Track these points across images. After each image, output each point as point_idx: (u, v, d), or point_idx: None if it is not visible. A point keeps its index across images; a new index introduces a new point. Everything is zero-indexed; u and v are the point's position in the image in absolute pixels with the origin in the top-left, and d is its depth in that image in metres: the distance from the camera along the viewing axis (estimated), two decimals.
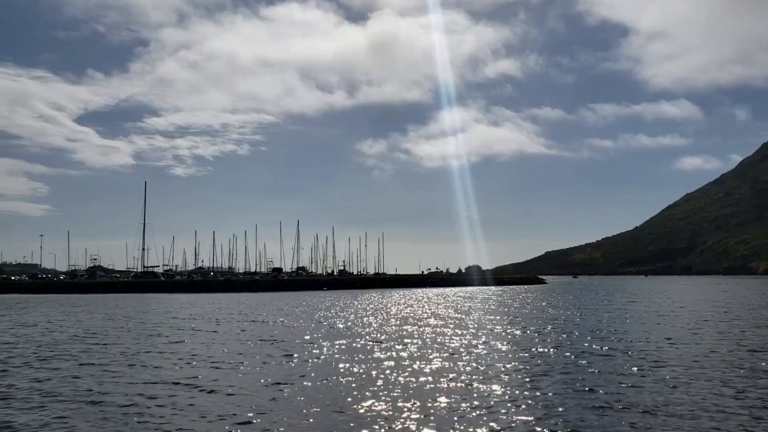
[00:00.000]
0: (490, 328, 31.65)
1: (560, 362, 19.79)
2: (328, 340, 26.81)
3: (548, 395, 14.80)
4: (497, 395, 14.82)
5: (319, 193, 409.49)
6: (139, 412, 13.53)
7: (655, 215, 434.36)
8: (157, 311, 50.42)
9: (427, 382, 16.48)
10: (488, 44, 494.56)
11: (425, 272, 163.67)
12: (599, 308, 48.64)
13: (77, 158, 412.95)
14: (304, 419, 12.81)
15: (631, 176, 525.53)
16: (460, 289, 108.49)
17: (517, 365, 19.16)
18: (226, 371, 18.72)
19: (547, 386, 15.84)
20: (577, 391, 15.27)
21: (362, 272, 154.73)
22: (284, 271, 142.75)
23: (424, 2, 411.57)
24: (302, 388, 15.95)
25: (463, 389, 15.49)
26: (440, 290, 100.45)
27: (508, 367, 18.87)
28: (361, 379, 17.07)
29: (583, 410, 13.32)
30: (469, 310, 47.47)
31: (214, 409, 13.72)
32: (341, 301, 65.31)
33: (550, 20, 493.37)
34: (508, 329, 30.80)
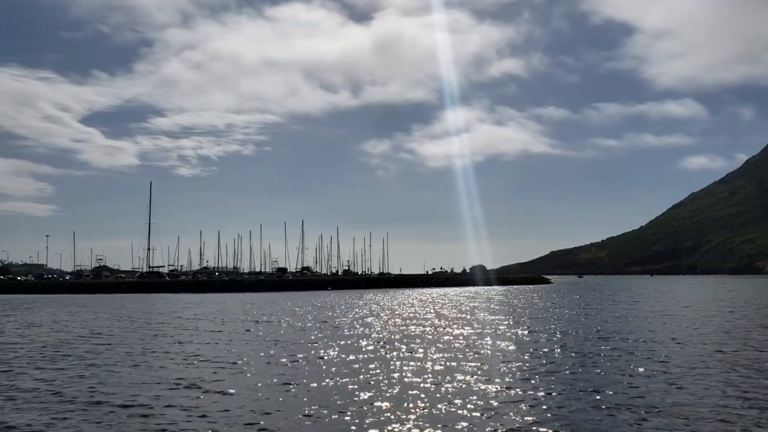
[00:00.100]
0: (494, 327, 31.60)
1: (566, 362, 19.74)
2: (332, 340, 26.82)
3: (554, 395, 14.77)
4: (502, 396, 14.80)
5: (323, 193, 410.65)
6: (143, 413, 13.54)
7: (660, 215, 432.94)
8: (162, 311, 50.54)
9: (431, 382, 16.47)
10: (492, 44, 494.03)
11: (430, 272, 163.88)
12: (604, 308, 48.52)
13: (82, 159, 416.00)
14: (309, 420, 12.82)
15: (636, 176, 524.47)
16: (464, 289, 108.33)
17: (522, 365, 19.13)
18: (231, 372, 18.75)
19: (552, 386, 15.81)
20: (582, 391, 15.23)
21: (367, 272, 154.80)
22: (289, 271, 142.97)
23: (427, 2, 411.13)
24: (308, 388, 15.95)
25: (468, 390, 15.47)
26: (444, 290, 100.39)
27: (513, 367, 18.84)
28: (366, 379, 17.07)
29: (588, 411, 13.29)
30: (473, 310, 47.42)
31: (219, 409, 13.73)
32: (346, 301, 65.33)
33: (554, 19, 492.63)
34: (512, 329, 30.75)
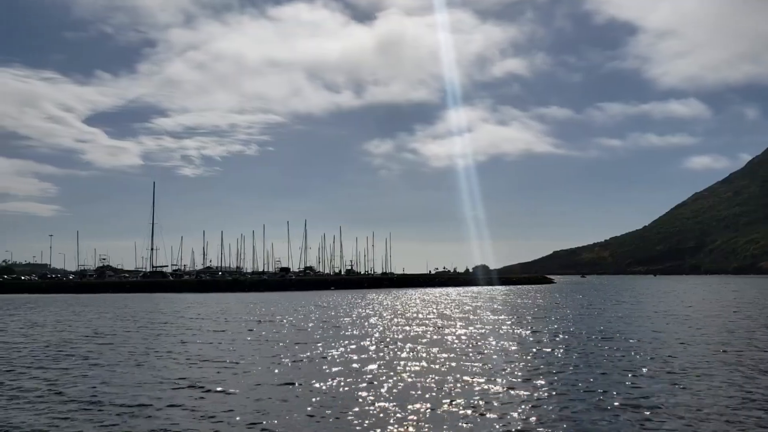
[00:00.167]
0: (497, 327, 31.57)
1: (569, 362, 19.68)
2: (335, 340, 26.82)
3: (557, 396, 14.73)
4: (505, 396, 14.77)
5: (326, 193, 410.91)
6: (145, 413, 13.52)
7: (663, 214, 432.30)
8: (165, 311, 50.59)
9: (434, 382, 16.43)
10: (495, 43, 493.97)
11: (433, 272, 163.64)
12: (608, 308, 48.44)
13: (86, 159, 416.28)
14: (312, 420, 12.80)
15: (639, 175, 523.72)
16: (467, 288, 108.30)
17: (525, 365, 19.09)
18: (233, 372, 18.74)
19: (555, 387, 15.77)
20: (586, 391, 15.19)
21: (370, 272, 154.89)
22: (292, 270, 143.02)
23: (430, 2, 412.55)
24: (310, 388, 15.94)
25: (470, 390, 15.45)
26: (447, 290, 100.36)
27: (516, 367, 18.80)
28: (368, 379, 17.05)
29: (592, 411, 13.25)
30: (475, 309, 47.37)
31: (221, 410, 13.73)
32: (349, 301, 65.35)
33: (557, 19, 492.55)
34: (515, 329, 30.70)
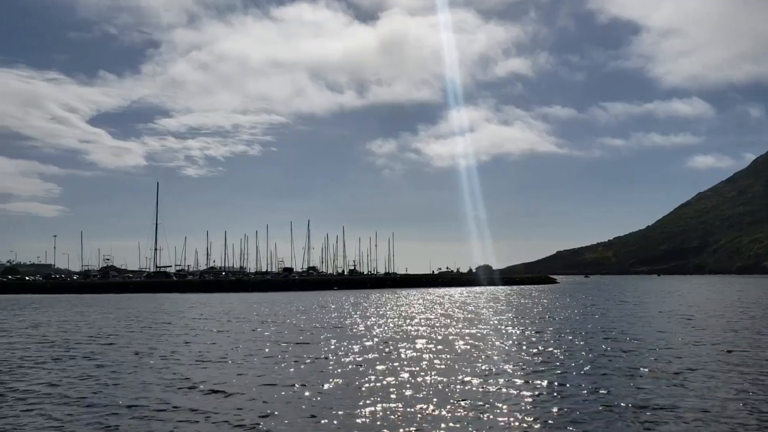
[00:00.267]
0: (500, 328, 31.51)
1: (572, 363, 19.61)
2: (338, 340, 26.81)
3: (561, 396, 14.68)
4: (508, 397, 14.72)
5: (329, 193, 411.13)
6: (148, 414, 13.49)
7: (667, 214, 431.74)
8: (169, 311, 50.68)
9: (437, 382, 16.40)
10: (498, 43, 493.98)
11: (436, 272, 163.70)
12: (612, 308, 48.34)
13: (90, 159, 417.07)
14: (315, 421, 12.78)
15: (642, 175, 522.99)
16: (470, 289, 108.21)
17: (528, 366, 19.04)
18: (237, 372, 18.74)
19: (559, 387, 15.72)
20: (590, 392, 15.13)
21: (373, 272, 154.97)
22: (295, 271, 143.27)
23: (433, 1, 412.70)
24: (313, 389, 15.92)
25: (473, 390, 15.41)
26: (450, 290, 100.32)
27: (519, 367, 18.75)
28: (371, 380, 17.02)
29: (595, 413, 13.20)
30: (478, 310, 47.34)
31: (224, 410, 13.72)
32: (351, 301, 65.36)
33: (560, 18, 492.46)
34: (519, 329, 30.63)
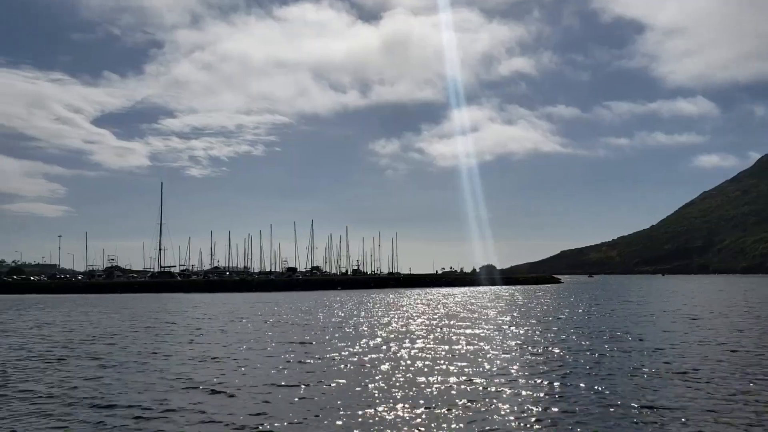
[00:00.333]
0: (504, 327, 31.53)
1: (576, 364, 19.62)
2: (341, 340, 26.89)
3: (565, 396, 14.71)
4: (511, 397, 14.76)
5: (332, 193, 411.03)
6: (152, 415, 13.56)
7: (671, 214, 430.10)
8: (172, 311, 50.85)
9: (441, 382, 16.46)
10: (502, 42, 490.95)
11: (439, 272, 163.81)
12: (616, 308, 48.29)
13: (94, 160, 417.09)
14: (319, 421, 12.85)
15: (647, 174, 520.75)
16: (473, 288, 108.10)
17: (531, 366, 19.05)
18: (240, 372, 18.82)
19: (563, 387, 15.74)
20: (595, 393, 15.16)
21: (376, 272, 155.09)
22: (299, 270, 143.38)
23: (436, 1, 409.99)
24: (317, 389, 15.99)
25: (476, 390, 15.44)
26: (453, 290, 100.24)
27: (521, 368, 18.77)
28: (374, 380, 17.08)
29: (598, 413, 13.22)
30: (482, 309, 47.36)
31: (227, 411, 13.79)
32: (355, 300, 65.45)
33: (564, 17, 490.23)
34: (522, 329, 30.63)
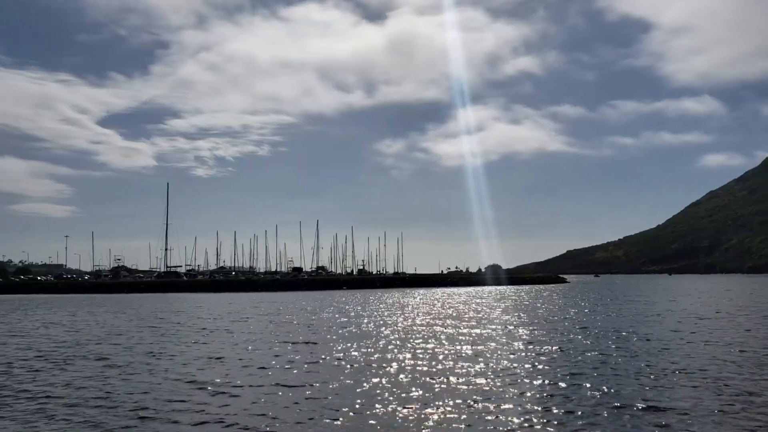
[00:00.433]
0: (509, 327, 31.43)
1: (582, 363, 19.54)
2: (346, 340, 26.86)
3: (569, 396, 14.65)
4: (513, 397, 14.71)
5: (338, 193, 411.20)
6: (155, 415, 13.53)
7: (677, 213, 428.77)
8: (179, 311, 50.96)
9: (446, 383, 16.41)
10: (507, 42, 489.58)
11: (445, 272, 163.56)
12: (623, 307, 48.11)
13: (101, 160, 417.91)
14: (323, 421, 12.82)
15: (653, 174, 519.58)
16: (479, 288, 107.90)
17: (535, 366, 18.98)
18: (245, 372, 18.81)
19: (566, 388, 15.68)
20: (602, 394, 15.08)
21: (381, 272, 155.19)
22: (304, 270, 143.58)
23: (441, 0, 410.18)
24: (321, 390, 15.95)
25: (480, 390, 15.38)
26: (459, 290, 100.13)
27: (526, 368, 18.70)
28: (379, 380, 17.04)
29: (603, 414, 13.17)
30: (487, 309, 47.27)
31: (232, 411, 13.76)
32: (360, 300, 65.45)
33: (570, 16, 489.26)
34: (528, 329, 30.54)
